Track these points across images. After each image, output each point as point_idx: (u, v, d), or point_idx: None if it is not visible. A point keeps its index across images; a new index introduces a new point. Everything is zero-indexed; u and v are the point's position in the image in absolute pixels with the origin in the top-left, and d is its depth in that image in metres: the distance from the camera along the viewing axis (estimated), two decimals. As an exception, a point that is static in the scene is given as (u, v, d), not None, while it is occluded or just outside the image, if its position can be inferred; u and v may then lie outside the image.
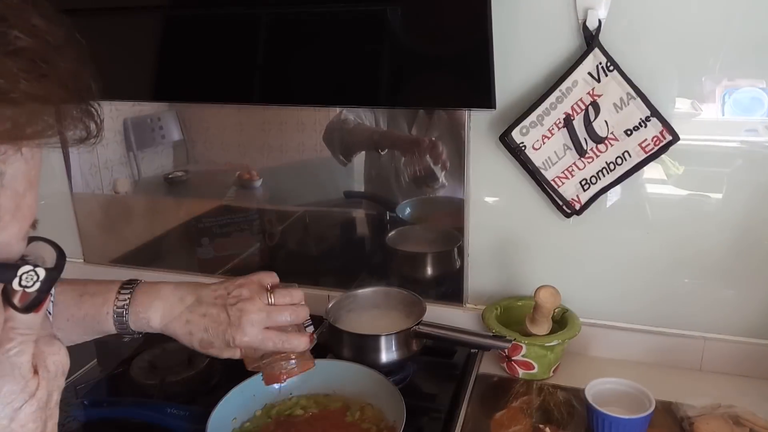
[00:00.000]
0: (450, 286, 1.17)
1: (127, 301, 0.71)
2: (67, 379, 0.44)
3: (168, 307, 0.72)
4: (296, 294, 0.77)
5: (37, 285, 0.39)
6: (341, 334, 0.99)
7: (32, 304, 0.39)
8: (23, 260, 0.39)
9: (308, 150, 1.20)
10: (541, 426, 0.84)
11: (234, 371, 1.03)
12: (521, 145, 0.97)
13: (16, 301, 0.39)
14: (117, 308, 0.70)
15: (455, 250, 1.17)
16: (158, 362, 1.03)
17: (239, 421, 0.87)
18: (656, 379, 0.95)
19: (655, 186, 1.00)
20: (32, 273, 0.38)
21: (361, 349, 0.98)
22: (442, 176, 1.12)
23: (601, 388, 0.91)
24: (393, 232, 1.22)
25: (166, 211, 1.39)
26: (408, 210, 1.21)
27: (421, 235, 1.21)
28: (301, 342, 0.75)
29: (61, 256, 0.41)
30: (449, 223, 1.16)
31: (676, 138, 0.93)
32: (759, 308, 1.00)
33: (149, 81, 1.12)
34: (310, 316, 0.78)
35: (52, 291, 0.65)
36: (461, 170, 1.08)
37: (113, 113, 1.33)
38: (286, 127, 1.20)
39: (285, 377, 0.77)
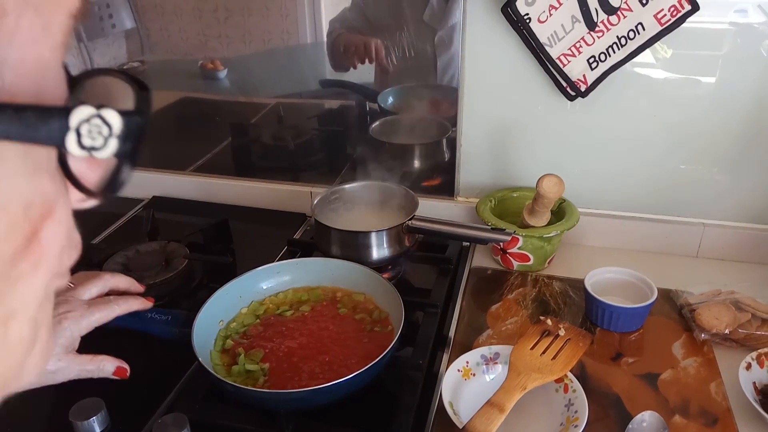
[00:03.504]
0: (440, 179, 1.11)
1: None
2: None
3: None
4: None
5: (113, 143, 0.22)
6: (329, 232, 0.93)
7: (115, 180, 0.23)
8: (78, 101, 0.23)
9: (275, 38, 1.10)
10: (542, 318, 0.82)
11: (215, 273, 0.98)
12: (526, 17, 0.87)
13: (81, 174, 0.23)
14: None
15: (444, 140, 1.09)
16: (132, 265, 0.97)
17: (226, 323, 0.82)
18: (653, 267, 0.93)
19: (658, 69, 0.92)
20: (97, 121, 0.21)
21: (351, 246, 0.92)
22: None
23: (600, 278, 0.89)
24: (377, 123, 1.13)
25: (124, 104, 1.29)
26: (391, 99, 1.12)
27: (406, 126, 1.13)
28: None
29: (142, 90, 0.24)
30: (437, 111, 1.08)
31: (695, 8, 0.84)
32: (759, 194, 0.96)
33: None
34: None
35: None
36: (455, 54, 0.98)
37: None
38: (249, 13, 1.08)
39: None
